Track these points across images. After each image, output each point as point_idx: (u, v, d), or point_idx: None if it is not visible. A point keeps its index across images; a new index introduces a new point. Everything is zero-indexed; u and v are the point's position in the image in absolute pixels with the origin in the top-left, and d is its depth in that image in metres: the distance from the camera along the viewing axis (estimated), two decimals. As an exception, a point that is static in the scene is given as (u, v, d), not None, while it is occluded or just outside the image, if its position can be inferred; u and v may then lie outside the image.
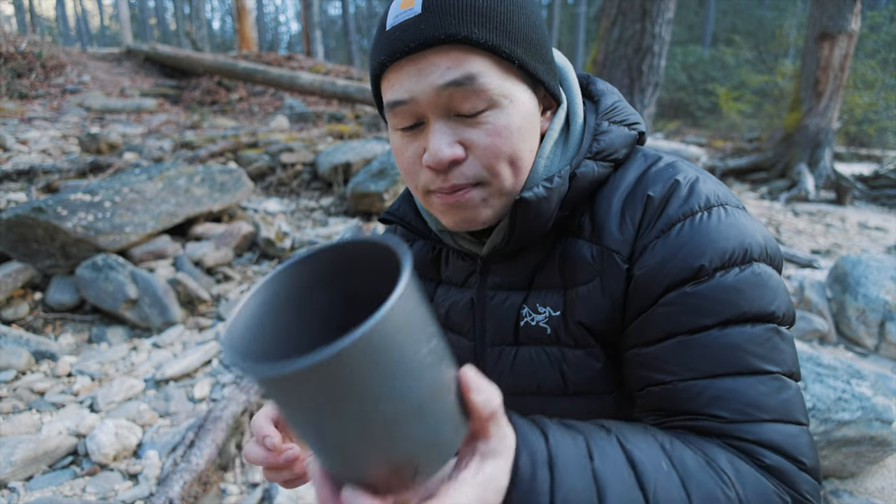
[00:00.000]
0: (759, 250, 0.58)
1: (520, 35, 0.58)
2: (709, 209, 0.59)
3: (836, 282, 2.76)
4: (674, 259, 0.57)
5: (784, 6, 15.60)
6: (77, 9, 37.99)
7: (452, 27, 0.54)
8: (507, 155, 0.59)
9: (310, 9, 13.63)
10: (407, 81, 0.57)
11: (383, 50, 0.58)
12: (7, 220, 2.42)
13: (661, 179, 0.62)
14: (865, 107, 8.11)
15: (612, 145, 0.64)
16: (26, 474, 1.51)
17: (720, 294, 0.56)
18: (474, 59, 0.56)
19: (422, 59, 0.56)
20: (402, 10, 0.56)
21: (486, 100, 0.57)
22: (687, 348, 0.57)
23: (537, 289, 0.69)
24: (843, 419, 1.48)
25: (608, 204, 0.64)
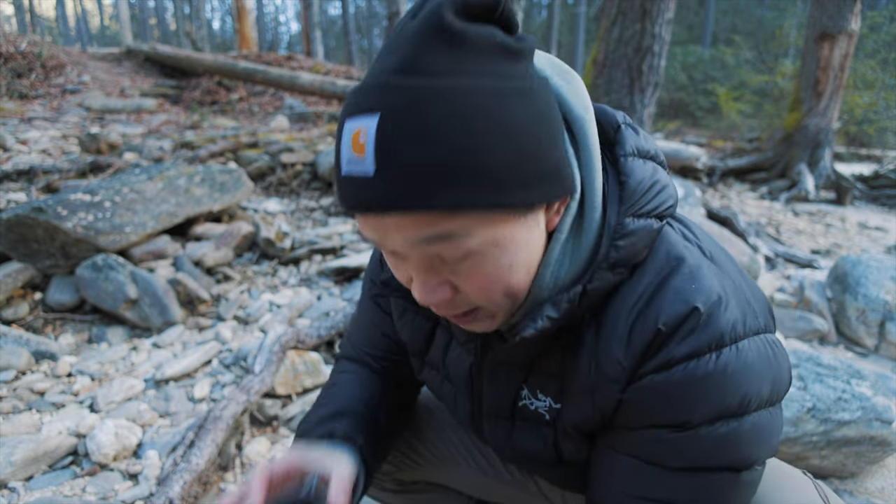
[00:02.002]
0: (758, 401, 0.53)
1: (506, 171, 0.45)
2: (720, 349, 0.52)
3: (836, 282, 2.76)
4: (665, 401, 0.54)
5: (784, 6, 15.60)
6: (77, 9, 38.00)
7: (413, 197, 0.44)
8: (500, 290, 0.53)
9: (310, 9, 13.63)
10: (375, 232, 0.49)
11: (341, 198, 0.49)
12: (7, 220, 2.42)
13: (677, 304, 0.53)
14: (865, 107, 8.11)
15: (634, 250, 0.54)
16: (26, 474, 1.51)
17: (700, 445, 0.53)
18: (448, 220, 0.46)
19: (385, 220, 0.47)
20: (354, 157, 0.45)
21: (470, 251, 0.49)
22: (646, 472, 0.57)
23: (537, 372, 0.65)
24: (842, 419, 1.48)
25: (615, 322, 0.56)
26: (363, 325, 0.87)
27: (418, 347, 0.77)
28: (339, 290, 2.76)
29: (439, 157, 0.43)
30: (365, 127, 0.44)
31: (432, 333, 0.75)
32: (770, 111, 9.26)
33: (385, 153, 0.44)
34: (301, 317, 2.48)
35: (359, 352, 0.88)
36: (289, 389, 1.91)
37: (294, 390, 1.92)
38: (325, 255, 3.18)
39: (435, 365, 0.76)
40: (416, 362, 0.80)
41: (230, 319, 2.48)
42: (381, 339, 0.85)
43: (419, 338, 0.76)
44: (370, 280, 0.85)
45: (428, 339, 0.76)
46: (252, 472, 0.61)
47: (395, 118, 0.43)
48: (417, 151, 0.43)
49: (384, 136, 0.44)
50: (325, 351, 2.20)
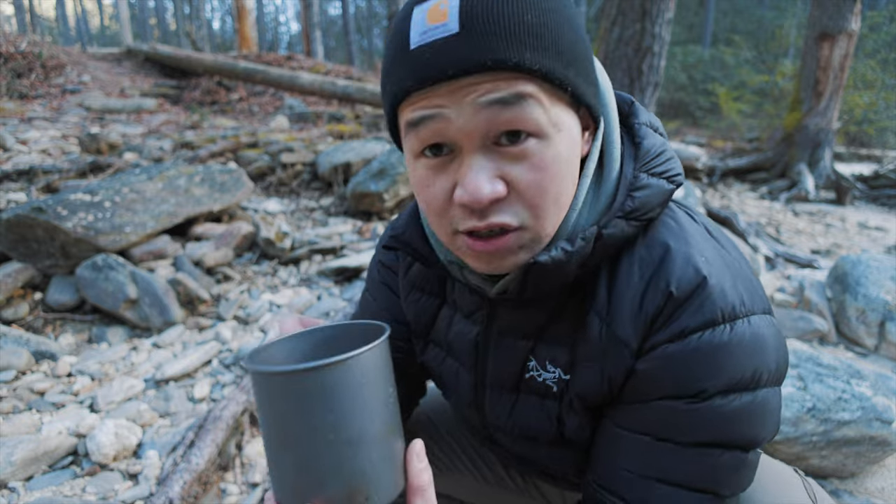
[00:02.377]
0: (768, 376, 0.54)
1: (570, 55, 0.49)
2: (733, 321, 0.53)
3: (836, 282, 2.76)
4: (680, 371, 0.53)
5: (784, 6, 15.60)
6: (77, 9, 38.00)
7: (500, 51, 0.45)
8: (553, 193, 0.52)
9: (310, 9, 13.63)
10: (440, 102, 0.48)
11: (409, 74, 0.48)
12: (7, 220, 2.42)
13: (689, 271, 0.54)
14: (865, 107, 8.11)
15: (648, 204, 0.56)
16: (26, 474, 1.51)
17: (713, 419, 0.53)
18: (524, 81, 0.47)
19: (461, 83, 0.47)
20: (431, 24, 0.46)
21: (533, 128, 0.49)
22: (655, 450, 0.56)
23: (546, 342, 0.64)
24: (842, 419, 1.48)
25: (627, 282, 0.57)
26: (371, 310, 0.86)
27: (422, 326, 0.77)
28: (339, 290, 2.76)
29: (525, 21, 0.46)
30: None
31: (437, 312, 0.75)
32: (770, 111, 9.26)
33: (472, 11, 0.45)
34: (301, 317, 2.48)
35: None
36: (289, 389, 1.91)
37: (294, 390, 1.92)
38: (325, 255, 3.18)
39: (438, 342, 0.76)
40: (420, 343, 0.80)
41: (230, 319, 2.48)
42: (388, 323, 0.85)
43: (424, 316, 0.76)
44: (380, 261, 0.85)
45: (433, 318, 0.76)
46: None
47: None
48: (505, 12, 0.46)
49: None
50: (325, 351, 2.21)
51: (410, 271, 0.78)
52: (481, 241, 0.53)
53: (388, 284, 0.84)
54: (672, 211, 0.61)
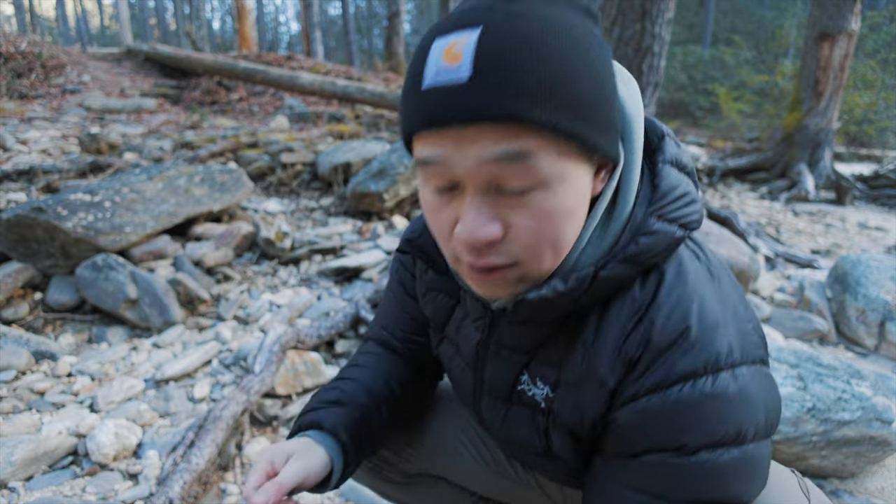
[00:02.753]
0: (755, 431, 0.53)
1: (586, 106, 0.48)
2: (716, 373, 0.52)
3: (836, 282, 2.76)
4: (660, 424, 0.53)
5: (784, 6, 15.60)
6: (77, 9, 38.00)
7: (510, 105, 0.44)
8: (551, 239, 0.52)
9: (310, 9, 13.63)
10: (446, 146, 0.49)
11: (418, 113, 0.49)
12: (7, 220, 2.42)
13: (674, 319, 0.54)
14: (865, 107, 8.11)
15: (652, 250, 0.55)
16: (26, 474, 1.51)
17: (701, 474, 0.52)
18: (530, 136, 0.47)
19: (467, 131, 0.47)
20: (446, 65, 0.46)
21: (537, 180, 0.49)
22: (633, 501, 0.55)
23: (540, 360, 0.65)
24: (842, 419, 1.48)
25: (615, 321, 0.57)
26: (391, 307, 0.91)
27: (439, 323, 0.81)
28: (339, 290, 2.76)
29: (538, 73, 0.45)
30: (463, 38, 0.45)
31: (452, 311, 0.78)
32: (770, 111, 9.26)
33: (486, 58, 0.44)
34: (301, 317, 2.48)
35: (384, 333, 0.92)
36: (289, 389, 1.91)
37: (294, 390, 1.92)
38: (325, 255, 3.18)
39: (452, 339, 0.80)
40: (436, 336, 0.84)
41: (230, 319, 2.48)
42: (404, 319, 0.89)
43: (440, 314, 0.80)
44: (398, 260, 0.89)
45: (448, 315, 0.79)
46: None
47: (499, 31, 0.45)
48: (519, 62, 0.44)
49: (486, 43, 0.45)
50: (325, 351, 2.21)
51: (428, 272, 0.81)
52: (479, 273, 0.54)
53: (403, 284, 0.88)
54: (678, 254, 0.59)
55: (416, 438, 0.98)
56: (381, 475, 1.00)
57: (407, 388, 0.88)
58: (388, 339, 0.92)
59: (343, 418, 0.76)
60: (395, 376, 0.88)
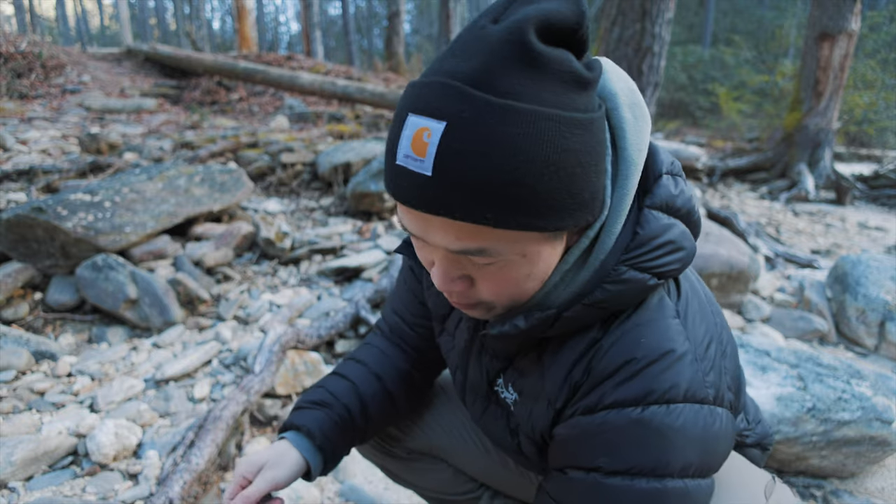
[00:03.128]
0: (682, 467, 0.52)
1: (546, 204, 0.48)
2: (646, 405, 0.52)
3: (836, 282, 2.76)
4: (584, 443, 0.56)
5: (784, 6, 15.59)
6: (77, 9, 38.00)
7: (462, 208, 0.47)
8: (510, 294, 0.58)
9: (310, 9, 13.62)
10: (417, 226, 0.53)
11: (392, 183, 0.51)
12: (7, 220, 2.42)
13: (619, 351, 0.56)
14: (865, 107, 8.11)
15: (617, 300, 0.56)
16: (26, 474, 1.51)
17: (612, 497, 0.53)
18: (486, 235, 0.50)
19: (429, 218, 0.50)
20: (413, 155, 0.47)
21: (496, 260, 0.53)
22: None
23: (514, 368, 0.71)
24: (843, 419, 1.48)
25: (572, 349, 0.60)
26: (402, 291, 0.96)
27: (441, 315, 0.86)
28: (339, 290, 2.76)
29: (495, 179, 0.45)
30: (430, 129, 0.46)
31: (451, 307, 0.83)
32: (770, 111, 9.26)
33: (446, 162, 0.46)
34: (301, 317, 2.48)
35: (394, 317, 0.97)
36: (289, 389, 1.91)
37: (294, 390, 1.92)
38: (325, 256, 3.18)
39: (450, 332, 0.85)
40: (438, 326, 0.88)
41: (230, 319, 2.48)
42: (414, 303, 0.94)
43: (442, 308, 0.85)
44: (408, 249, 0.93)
45: (449, 310, 0.84)
46: None
47: (461, 131, 0.45)
48: (477, 170, 0.45)
49: (447, 147, 0.45)
50: (325, 351, 2.20)
51: None
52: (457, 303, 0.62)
53: (413, 270, 0.93)
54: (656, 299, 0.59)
55: (422, 419, 1.03)
56: (385, 450, 1.04)
57: (404, 383, 0.94)
58: (397, 323, 0.96)
59: (321, 420, 0.83)
60: (391, 373, 0.93)
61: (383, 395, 0.91)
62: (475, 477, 1.07)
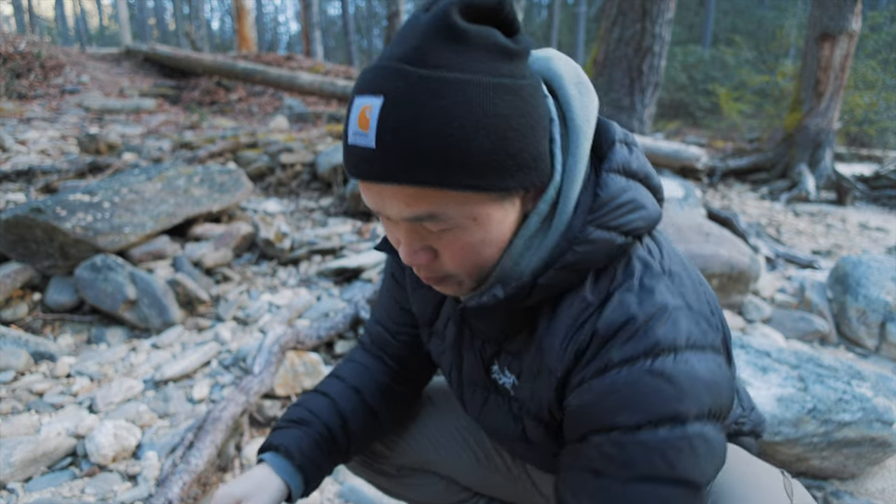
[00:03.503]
0: (697, 412, 0.53)
1: (483, 164, 0.51)
2: (655, 356, 0.54)
3: (837, 282, 2.75)
4: (601, 405, 0.56)
5: (784, 6, 15.59)
6: (76, 9, 38.00)
7: (402, 174, 0.51)
8: (473, 262, 0.60)
9: (309, 9, 13.62)
10: (373, 200, 0.57)
11: (346, 163, 0.56)
12: (6, 220, 2.42)
13: (619, 311, 0.57)
14: (866, 107, 8.11)
15: (588, 260, 0.58)
16: (25, 475, 1.50)
17: (640, 452, 0.53)
18: (431, 198, 0.53)
19: (381, 189, 0.55)
20: (359, 131, 0.52)
21: (449, 226, 0.56)
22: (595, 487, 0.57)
23: (507, 351, 0.71)
24: (843, 420, 1.47)
25: (564, 318, 0.61)
26: (384, 299, 0.96)
27: (427, 318, 0.86)
28: (338, 290, 2.76)
29: (430, 143, 0.50)
30: (371, 105, 0.51)
31: (439, 307, 0.83)
32: (770, 111, 9.26)
33: (385, 133, 0.51)
34: (300, 317, 2.48)
35: (377, 328, 0.96)
36: (288, 390, 1.90)
37: (293, 391, 1.91)
38: (324, 256, 3.18)
39: (440, 334, 0.84)
40: (425, 333, 0.88)
41: (229, 320, 2.48)
42: (396, 310, 0.93)
43: (428, 309, 0.85)
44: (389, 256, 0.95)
45: (436, 311, 0.83)
46: None
47: (396, 103, 0.50)
48: (412, 136, 0.50)
49: (386, 117, 0.50)
50: (324, 352, 2.20)
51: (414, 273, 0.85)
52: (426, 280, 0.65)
53: (395, 276, 0.92)
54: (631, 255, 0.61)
55: (408, 433, 1.01)
56: (374, 468, 1.03)
57: (384, 396, 0.93)
58: (380, 333, 0.96)
59: (299, 439, 0.83)
60: (370, 386, 0.92)
61: (364, 410, 0.90)
62: (468, 486, 1.05)
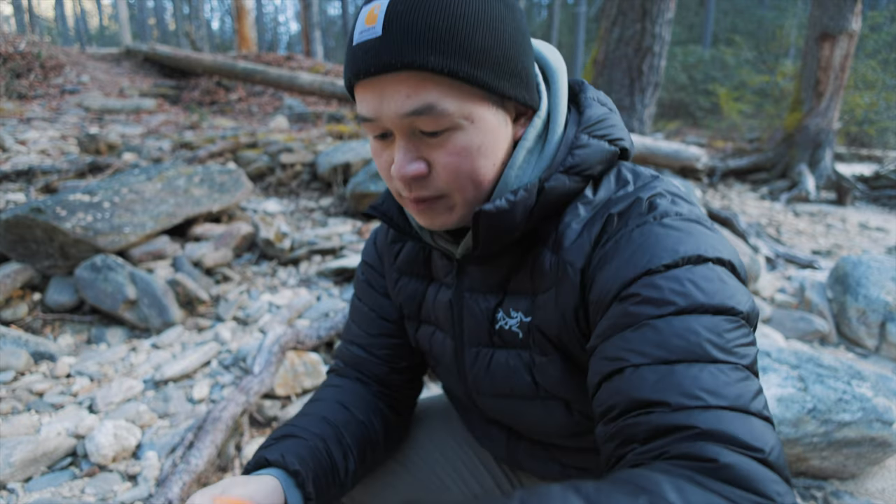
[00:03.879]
0: (714, 256, 0.55)
1: (482, 56, 0.56)
2: (662, 218, 0.58)
3: (837, 282, 2.75)
4: (625, 260, 0.56)
5: (784, 6, 15.59)
6: (76, 9, 38.00)
7: (408, 55, 0.54)
8: (467, 173, 0.61)
9: (309, 9, 13.62)
10: (372, 101, 0.59)
11: (349, 66, 0.59)
12: (6, 220, 2.42)
13: (625, 199, 0.62)
14: (866, 107, 8.11)
15: (587, 161, 0.64)
16: (25, 475, 1.50)
17: (673, 284, 0.53)
18: (432, 87, 0.56)
19: (383, 82, 0.57)
20: (366, 26, 0.56)
21: (447, 123, 0.58)
22: (639, 336, 0.52)
23: (512, 293, 0.70)
24: (843, 420, 1.47)
25: (571, 218, 0.64)
26: (357, 317, 0.91)
27: (413, 309, 0.84)
28: (338, 290, 2.76)
29: (435, 26, 0.54)
30: (379, 4, 0.55)
31: (425, 292, 0.82)
32: (770, 111, 9.26)
33: (392, 18, 0.54)
34: (300, 317, 2.48)
35: (350, 350, 0.90)
36: (288, 390, 1.90)
37: (293, 391, 1.91)
38: (324, 256, 3.18)
39: (428, 319, 0.83)
40: (413, 325, 0.86)
41: (229, 320, 2.48)
42: (373, 320, 0.89)
43: (414, 298, 0.84)
44: (364, 262, 0.93)
45: (422, 297, 0.82)
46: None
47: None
48: (419, 20, 0.54)
49: (393, 6, 0.55)
50: (324, 352, 2.20)
51: (398, 259, 0.85)
52: (416, 204, 0.64)
53: (371, 284, 0.90)
54: (621, 167, 0.68)
55: (394, 475, 0.92)
56: None
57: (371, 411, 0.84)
58: (355, 354, 0.89)
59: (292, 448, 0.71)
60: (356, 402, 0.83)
61: (356, 423, 0.81)
62: None
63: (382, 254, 0.88)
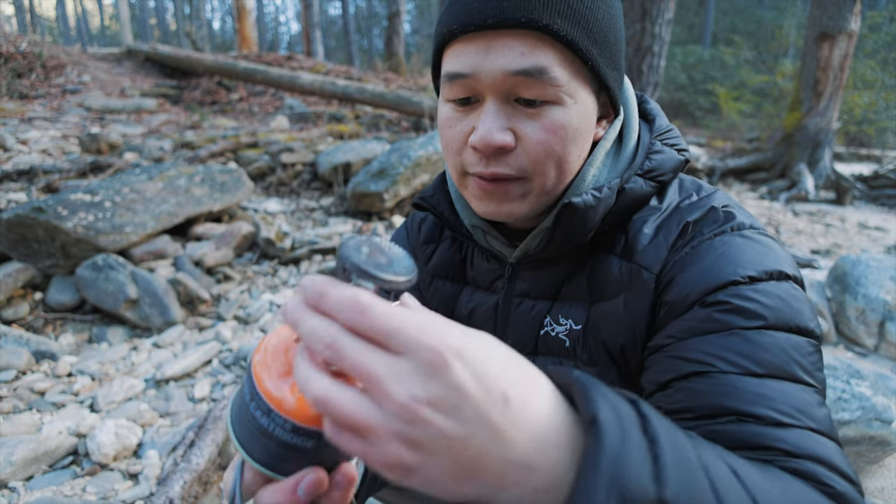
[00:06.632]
0: (794, 274, 0.56)
1: (600, 34, 0.55)
2: (741, 229, 0.59)
3: (836, 282, 2.76)
4: (707, 266, 0.55)
5: (784, 6, 15.59)
6: (77, 9, 38.00)
7: (536, 11, 0.51)
8: (557, 155, 0.57)
9: (310, 9, 13.62)
10: (474, 56, 0.54)
11: (457, 17, 0.54)
12: (7, 220, 2.42)
13: (698, 208, 0.62)
14: (865, 107, 8.11)
15: (663, 166, 0.64)
16: (26, 474, 1.51)
17: (763, 298, 0.52)
18: (549, 50, 0.53)
19: (495, 37, 0.53)
20: None
21: (551, 94, 0.54)
22: (725, 343, 0.51)
23: (563, 300, 0.68)
24: (842, 419, 1.48)
25: (643, 224, 0.63)
26: None
27: (446, 313, 0.81)
28: (339, 290, 2.76)
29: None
30: None
31: (458, 295, 0.79)
32: (770, 111, 9.26)
33: None
34: (301, 317, 2.48)
35: None
36: (289, 389, 1.91)
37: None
38: (325, 255, 3.18)
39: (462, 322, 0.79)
40: None
41: (230, 319, 2.48)
42: None
43: (447, 301, 0.81)
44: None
45: (455, 301, 0.80)
46: None
47: None
48: None
49: None
50: (325, 351, 2.21)
51: (431, 262, 0.82)
52: (486, 182, 0.59)
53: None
54: (681, 178, 0.68)
55: None
56: None
57: None
58: None
59: None
60: None
61: None
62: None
63: (415, 254, 0.85)
